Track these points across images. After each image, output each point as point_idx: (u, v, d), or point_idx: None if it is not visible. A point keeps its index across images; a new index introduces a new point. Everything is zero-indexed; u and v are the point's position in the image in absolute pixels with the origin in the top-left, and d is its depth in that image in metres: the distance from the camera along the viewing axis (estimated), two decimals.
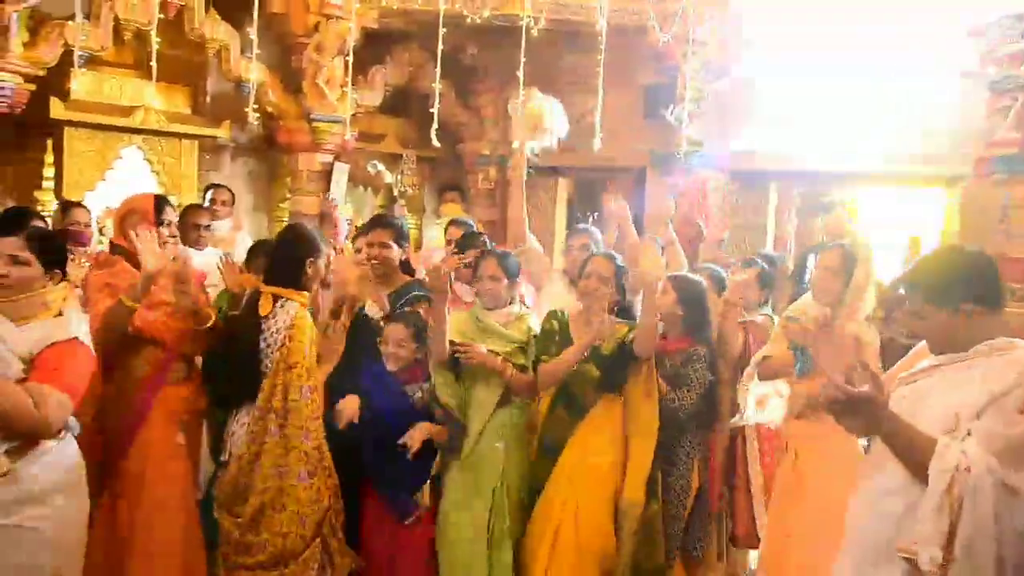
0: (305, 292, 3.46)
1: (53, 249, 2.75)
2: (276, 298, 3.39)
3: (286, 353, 3.32)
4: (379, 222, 4.18)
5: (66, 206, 4.95)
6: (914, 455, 2.06)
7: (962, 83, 5.93)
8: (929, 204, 7.02)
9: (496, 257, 3.71)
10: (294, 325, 3.35)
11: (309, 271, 3.45)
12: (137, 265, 3.38)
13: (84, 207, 4.92)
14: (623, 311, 3.62)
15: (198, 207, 5.47)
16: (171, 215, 3.64)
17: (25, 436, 2.53)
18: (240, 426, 3.39)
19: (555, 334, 3.62)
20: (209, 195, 5.86)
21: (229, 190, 5.93)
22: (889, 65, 6.15)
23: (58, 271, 2.74)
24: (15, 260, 2.62)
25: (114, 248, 3.57)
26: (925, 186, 6.96)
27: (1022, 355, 2.10)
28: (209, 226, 5.25)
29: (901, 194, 7.66)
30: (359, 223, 6.78)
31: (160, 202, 3.62)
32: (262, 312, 3.35)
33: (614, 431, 3.52)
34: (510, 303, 3.70)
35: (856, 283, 3.55)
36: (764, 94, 6.66)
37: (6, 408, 2.44)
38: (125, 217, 3.54)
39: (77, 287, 3.55)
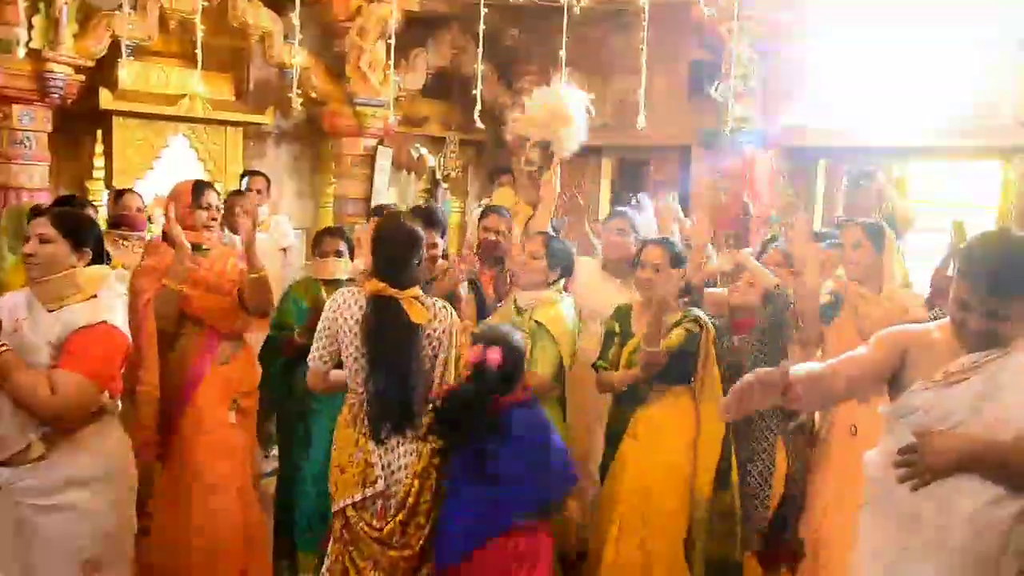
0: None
1: (79, 227, 2.74)
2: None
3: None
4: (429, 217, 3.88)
5: (118, 193, 5.04)
6: (1011, 468, 2.01)
7: (1021, 52, 5.72)
8: (985, 178, 6.83)
9: (543, 235, 3.71)
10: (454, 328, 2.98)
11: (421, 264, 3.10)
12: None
13: (135, 193, 4.99)
14: (685, 293, 3.58)
15: (241, 193, 5.52)
16: (211, 199, 3.66)
17: (50, 422, 2.56)
18: (403, 461, 2.90)
19: (614, 335, 3.58)
20: (245, 182, 5.92)
21: (265, 176, 5.99)
22: (943, 35, 5.95)
23: (87, 251, 2.72)
24: (42, 239, 2.64)
25: (165, 235, 3.63)
26: (981, 159, 6.76)
27: None
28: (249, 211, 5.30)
29: (955, 168, 7.46)
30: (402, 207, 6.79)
31: (198, 187, 3.66)
32: (418, 320, 2.88)
33: (684, 419, 3.46)
34: (549, 287, 3.66)
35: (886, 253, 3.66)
36: (813, 68, 6.51)
37: (24, 396, 2.48)
38: (168, 203, 3.61)
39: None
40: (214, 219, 3.64)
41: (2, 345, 2.48)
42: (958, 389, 2.09)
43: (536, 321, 3.51)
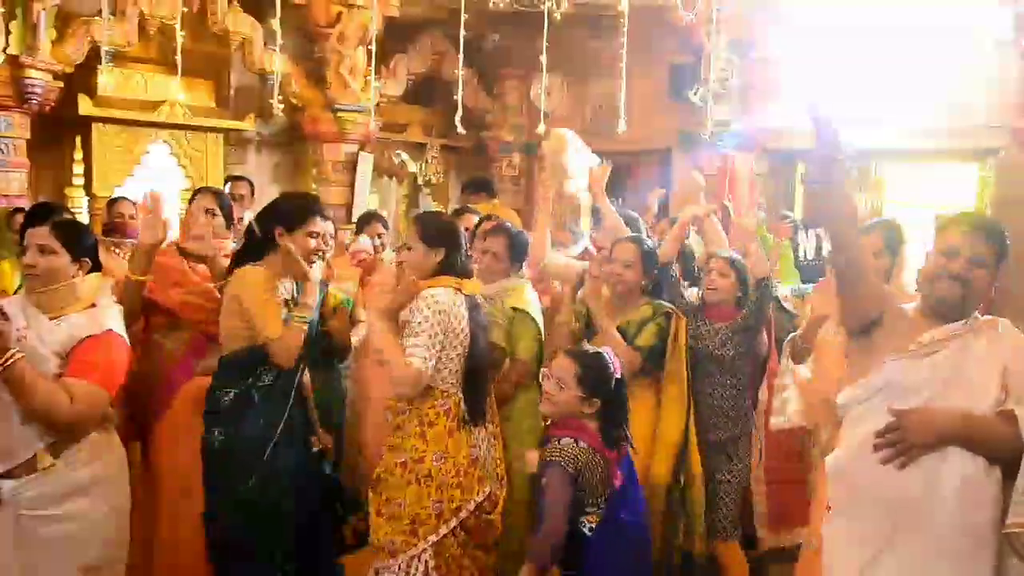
0: None
1: (79, 238, 2.72)
2: None
3: None
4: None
5: (111, 201, 5.00)
6: (990, 440, 2.05)
7: (997, 53, 5.80)
8: (961, 179, 6.91)
9: (506, 234, 3.53)
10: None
11: None
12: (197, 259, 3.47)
13: (129, 200, 4.93)
14: (656, 291, 3.58)
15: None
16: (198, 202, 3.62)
17: (64, 431, 2.55)
18: (490, 444, 3.11)
19: (581, 332, 3.57)
20: (228, 188, 5.89)
21: (249, 182, 5.96)
22: (920, 36, 6.02)
23: (87, 260, 2.71)
24: (42, 250, 2.62)
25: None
26: (956, 161, 6.84)
27: None
28: (242, 218, 5.28)
29: (932, 170, 7.55)
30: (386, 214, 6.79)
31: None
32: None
33: (648, 411, 3.44)
34: (510, 277, 3.55)
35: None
36: (791, 71, 6.57)
37: (41, 404, 2.46)
38: None
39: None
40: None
41: (14, 353, 2.42)
42: (930, 361, 2.13)
43: (514, 308, 3.45)
